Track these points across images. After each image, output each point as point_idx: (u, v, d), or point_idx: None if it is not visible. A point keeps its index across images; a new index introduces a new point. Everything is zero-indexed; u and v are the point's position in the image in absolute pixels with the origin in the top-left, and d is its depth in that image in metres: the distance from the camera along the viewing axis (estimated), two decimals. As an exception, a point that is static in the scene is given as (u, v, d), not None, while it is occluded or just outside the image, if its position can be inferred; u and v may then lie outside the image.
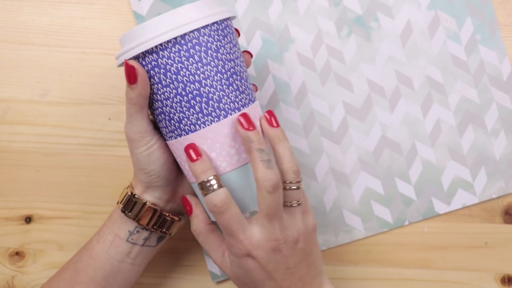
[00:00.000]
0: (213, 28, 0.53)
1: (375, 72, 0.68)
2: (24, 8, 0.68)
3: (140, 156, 0.56)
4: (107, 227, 0.59)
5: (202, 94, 0.52)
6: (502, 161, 0.68)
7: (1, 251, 0.69)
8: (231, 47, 0.54)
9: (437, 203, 0.68)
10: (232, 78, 0.53)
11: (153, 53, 0.52)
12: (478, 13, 0.68)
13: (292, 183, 0.53)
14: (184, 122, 0.53)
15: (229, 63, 0.53)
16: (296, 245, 0.54)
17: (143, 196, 0.58)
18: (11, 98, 0.68)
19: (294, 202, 0.54)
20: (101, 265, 0.59)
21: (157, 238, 0.60)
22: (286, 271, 0.54)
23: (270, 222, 0.52)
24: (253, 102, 0.55)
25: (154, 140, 0.56)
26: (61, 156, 0.69)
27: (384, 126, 0.68)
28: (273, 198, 0.51)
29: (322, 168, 0.68)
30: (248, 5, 0.67)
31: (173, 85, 0.52)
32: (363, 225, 0.68)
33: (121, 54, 0.53)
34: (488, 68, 0.68)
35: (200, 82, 0.52)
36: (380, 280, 0.69)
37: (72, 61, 0.68)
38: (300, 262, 0.54)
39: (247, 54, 0.60)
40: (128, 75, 0.52)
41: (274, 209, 0.52)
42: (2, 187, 0.69)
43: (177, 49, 0.51)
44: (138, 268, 0.61)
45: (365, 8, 0.68)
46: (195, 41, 0.52)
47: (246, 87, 0.55)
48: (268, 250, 0.53)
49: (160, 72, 0.52)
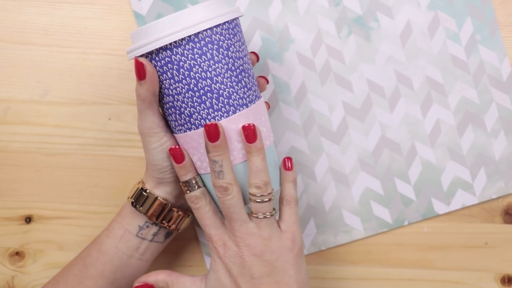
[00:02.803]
0: (225, 27, 0.54)
1: (374, 72, 0.68)
2: (24, 8, 0.68)
3: (154, 152, 0.57)
4: (117, 222, 0.60)
5: (213, 90, 0.54)
6: (502, 161, 0.68)
7: (1, 251, 0.69)
8: (240, 45, 0.56)
9: (437, 203, 0.68)
10: (241, 75, 0.55)
11: (167, 50, 0.53)
12: (478, 13, 0.68)
13: (256, 196, 0.55)
14: (195, 116, 0.55)
15: (239, 61, 0.55)
16: (261, 256, 0.55)
17: (154, 191, 0.59)
18: (11, 98, 0.68)
19: (259, 214, 0.55)
20: (110, 260, 0.60)
21: (165, 234, 0.61)
22: (250, 280, 0.55)
23: (230, 223, 0.55)
24: (259, 99, 0.57)
25: (167, 137, 0.57)
26: (61, 156, 0.69)
27: (384, 126, 0.68)
28: (223, 201, 0.54)
29: (322, 168, 0.68)
30: (248, 4, 0.67)
31: (186, 81, 0.54)
32: (362, 225, 0.68)
33: (134, 49, 0.55)
34: (488, 69, 0.68)
35: (211, 78, 0.54)
36: (380, 280, 0.69)
37: (72, 61, 0.68)
38: (268, 276, 0.55)
39: (253, 55, 0.62)
40: (138, 71, 0.54)
41: (229, 212, 0.55)
42: (2, 187, 0.69)
43: (191, 46, 0.53)
44: (145, 264, 0.61)
45: (365, 8, 0.68)
46: (208, 39, 0.54)
47: (253, 84, 0.57)
48: (232, 251, 0.55)
49: (173, 68, 0.54)
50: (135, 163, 0.68)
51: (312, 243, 0.68)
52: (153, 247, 0.61)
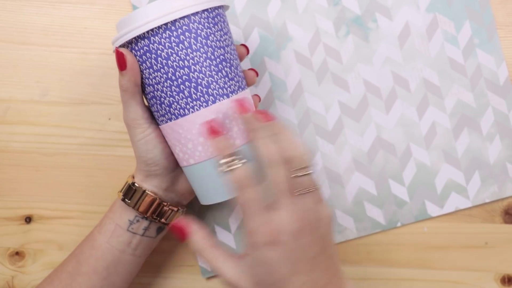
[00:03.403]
0: (203, 16, 0.54)
1: (371, 72, 0.68)
2: (24, 8, 0.68)
3: (139, 144, 0.57)
4: (108, 218, 0.60)
5: (191, 79, 0.54)
6: (496, 165, 0.68)
7: (1, 251, 0.69)
8: (222, 35, 0.55)
9: (430, 206, 0.68)
10: (221, 65, 0.55)
11: (145, 39, 0.53)
12: (477, 17, 0.67)
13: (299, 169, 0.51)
14: (174, 106, 0.54)
15: (219, 50, 0.55)
16: (317, 231, 0.50)
17: (142, 184, 0.59)
18: (11, 98, 0.69)
19: (304, 190, 0.51)
20: (102, 255, 0.59)
21: (157, 229, 0.61)
22: (310, 261, 0.50)
23: (286, 203, 0.50)
24: (243, 90, 0.56)
25: (152, 128, 0.57)
26: (61, 156, 0.69)
27: (379, 127, 0.68)
28: (274, 171, 0.50)
29: (316, 167, 0.68)
30: (247, 1, 0.67)
31: (164, 70, 0.54)
32: (355, 225, 0.68)
33: (116, 39, 0.54)
34: (485, 72, 0.68)
35: (189, 67, 0.53)
36: (380, 280, 0.69)
37: (72, 61, 0.68)
38: (321, 253, 0.51)
39: (243, 47, 0.61)
40: (119, 61, 0.54)
41: (284, 185, 0.50)
42: (2, 187, 0.69)
43: (168, 35, 0.53)
44: (138, 260, 0.61)
45: (363, 9, 0.67)
46: (185, 27, 0.53)
47: (235, 75, 0.56)
48: (291, 234, 0.49)
49: (151, 57, 0.54)
50: (135, 163, 0.68)
51: (304, 242, 0.68)
52: (145, 242, 0.61)
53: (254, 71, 0.61)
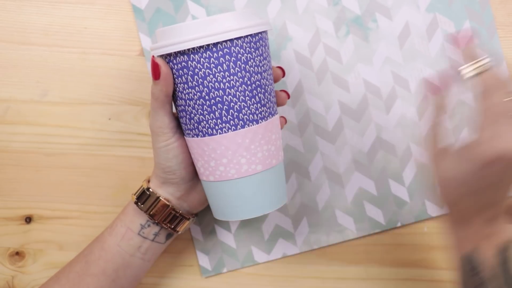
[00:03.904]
0: (246, 40, 0.54)
1: (371, 72, 0.68)
2: (24, 8, 0.68)
3: (160, 151, 0.57)
4: (120, 220, 0.61)
5: (224, 102, 0.54)
6: (497, 166, 0.68)
7: (1, 251, 0.69)
8: (261, 60, 0.55)
9: (430, 206, 0.68)
10: (256, 90, 0.55)
11: (185, 55, 0.53)
12: (477, 17, 0.67)
13: None
14: (203, 124, 0.55)
15: (256, 76, 0.55)
16: None
17: (157, 190, 0.59)
18: (11, 98, 0.69)
19: None
20: (112, 258, 0.60)
21: (166, 235, 0.61)
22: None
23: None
24: (273, 116, 0.56)
25: (175, 137, 0.57)
26: (61, 156, 0.69)
27: (379, 127, 0.68)
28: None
29: (316, 167, 0.68)
30: (247, 2, 0.67)
31: (198, 88, 0.54)
32: (355, 226, 0.68)
33: (156, 48, 0.54)
34: (485, 72, 0.67)
35: (224, 90, 0.54)
36: (380, 280, 0.69)
37: (72, 61, 0.68)
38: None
39: (279, 70, 0.61)
40: (153, 71, 0.54)
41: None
42: (2, 187, 0.69)
43: (208, 55, 0.53)
44: (147, 264, 0.62)
45: (363, 9, 0.67)
46: (226, 50, 0.53)
47: (268, 100, 0.56)
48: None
49: (188, 73, 0.54)
50: (135, 163, 0.68)
51: (304, 242, 0.68)
52: (154, 247, 0.61)
53: (286, 93, 0.61)
